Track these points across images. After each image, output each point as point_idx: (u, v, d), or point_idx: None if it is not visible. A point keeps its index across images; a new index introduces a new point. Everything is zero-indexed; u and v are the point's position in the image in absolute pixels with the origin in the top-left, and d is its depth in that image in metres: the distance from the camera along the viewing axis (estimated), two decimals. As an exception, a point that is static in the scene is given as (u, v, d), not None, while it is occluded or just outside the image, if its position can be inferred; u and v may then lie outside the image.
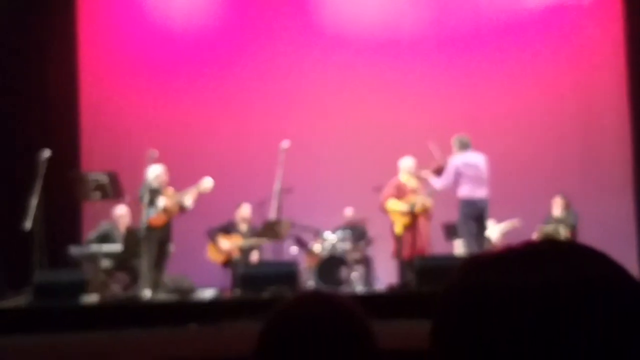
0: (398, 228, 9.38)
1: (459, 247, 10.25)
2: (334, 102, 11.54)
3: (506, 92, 11.36)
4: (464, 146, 8.85)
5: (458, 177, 8.66)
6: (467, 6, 11.57)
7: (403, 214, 9.31)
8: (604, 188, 10.92)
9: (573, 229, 9.67)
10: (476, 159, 8.79)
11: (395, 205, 9.32)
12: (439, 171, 8.96)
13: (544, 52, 11.37)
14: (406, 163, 9.51)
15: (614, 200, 10.82)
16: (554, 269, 0.87)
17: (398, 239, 9.38)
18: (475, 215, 8.71)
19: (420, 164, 9.50)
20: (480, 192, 8.68)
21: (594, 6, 11.42)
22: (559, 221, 9.76)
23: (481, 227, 8.82)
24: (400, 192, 9.38)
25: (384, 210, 9.45)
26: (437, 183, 8.91)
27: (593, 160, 11.16)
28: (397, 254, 9.41)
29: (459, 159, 8.73)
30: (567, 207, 9.84)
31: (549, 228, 9.70)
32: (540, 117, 11.28)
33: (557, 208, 9.89)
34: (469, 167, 8.69)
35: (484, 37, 11.49)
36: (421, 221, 9.33)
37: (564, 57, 11.35)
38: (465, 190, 8.65)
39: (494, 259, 0.92)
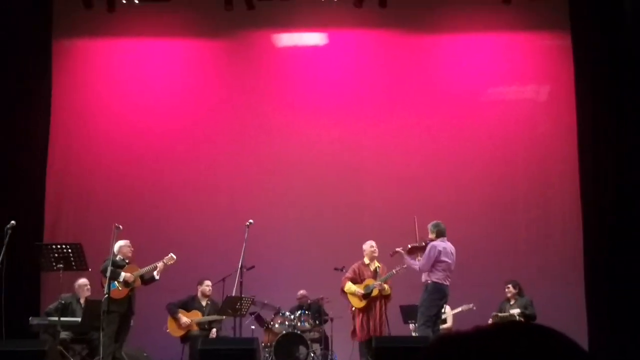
0: (356, 309, 9.59)
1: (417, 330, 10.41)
2: (299, 182, 11.79)
3: (463, 180, 11.73)
4: (442, 234, 9.13)
5: (437, 263, 8.89)
6: (430, 101, 11.99)
7: (359, 297, 9.50)
8: (556, 274, 11.23)
9: (525, 315, 9.88)
10: (452, 249, 9.08)
11: (349, 288, 9.54)
12: (413, 251, 9.17)
13: (500, 143, 11.81)
14: (367, 246, 9.76)
15: (565, 286, 11.10)
16: (520, 348, 0.98)
17: (355, 321, 9.58)
18: (439, 301, 8.97)
19: (387, 242, 9.75)
20: (449, 280, 8.96)
21: (549, 101, 11.95)
22: (511, 307, 9.98)
23: (440, 312, 9.08)
24: (359, 275, 9.62)
25: (342, 292, 9.67)
26: (416, 264, 9.09)
27: (546, 248, 11.51)
28: (353, 334, 9.59)
29: (440, 246, 8.98)
30: (519, 293, 10.08)
31: (502, 315, 9.91)
32: (494, 206, 11.64)
33: (510, 295, 10.13)
34: (447, 256, 8.97)
35: (443, 128, 11.90)
36: (377, 304, 9.52)
37: (519, 148, 11.81)
38: (439, 277, 8.91)
39: (465, 337, 1.03)
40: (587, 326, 10.75)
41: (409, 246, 9.22)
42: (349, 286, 9.61)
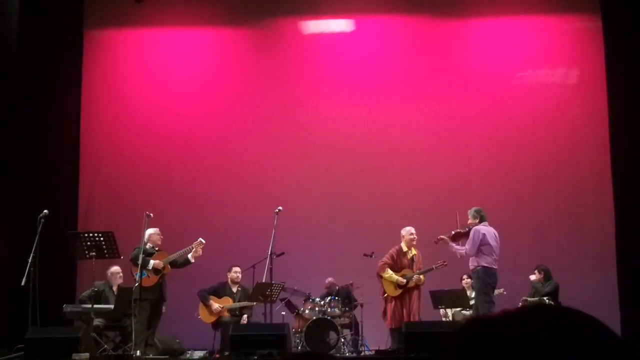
0: (388, 296, 9.59)
1: (447, 316, 10.42)
2: (327, 167, 11.83)
3: (494, 167, 11.69)
4: (484, 219, 9.10)
5: (483, 246, 8.86)
6: (459, 85, 11.94)
7: (395, 285, 9.51)
8: (588, 260, 11.14)
9: (555, 299, 9.84)
10: (495, 233, 9.05)
11: (390, 276, 9.52)
12: (456, 237, 9.15)
13: (530, 129, 11.72)
14: (407, 232, 9.74)
15: (597, 273, 11.03)
16: (547, 333, 0.96)
17: (387, 307, 9.59)
18: (493, 285, 8.97)
19: (417, 226, 9.79)
20: (497, 264, 8.95)
21: (579, 85, 11.83)
22: (539, 292, 9.94)
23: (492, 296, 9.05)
24: (396, 263, 9.60)
25: (378, 277, 9.66)
26: (462, 249, 9.05)
27: (578, 233, 11.41)
28: (386, 320, 9.61)
29: (484, 229, 8.95)
30: (547, 278, 10.03)
31: (532, 299, 9.88)
32: (526, 192, 11.58)
33: (537, 279, 10.09)
34: (492, 239, 8.94)
35: (474, 114, 11.85)
36: (412, 293, 9.53)
37: (550, 132, 11.70)
38: (488, 261, 8.87)
39: (493, 321, 1.00)
40: (620, 313, 10.68)
41: (453, 232, 9.15)
42: (390, 274, 9.53)
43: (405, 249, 9.71)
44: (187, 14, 12.21)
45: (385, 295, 9.68)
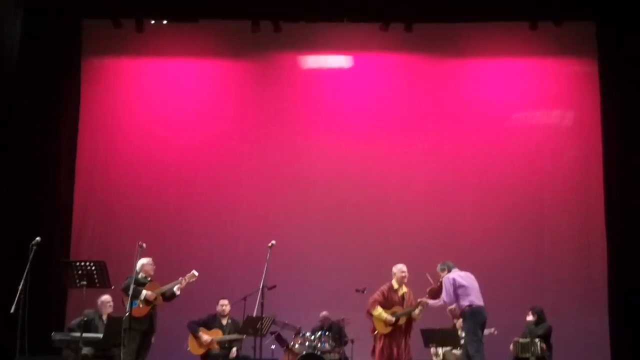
0: (379, 333, 9.57)
1: (438, 355, 10.38)
2: (322, 202, 11.84)
3: (488, 206, 11.73)
4: (450, 268, 9.24)
5: (457, 289, 8.96)
6: (456, 125, 12.02)
7: (385, 323, 9.49)
8: (579, 303, 11.14)
9: (547, 341, 9.81)
10: (467, 274, 9.15)
11: (379, 314, 9.51)
12: (433, 295, 9.25)
13: (525, 170, 11.80)
14: (398, 269, 9.76)
15: (588, 316, 11.02)
16: None
17: (376, 344, 9.56)
18: (482, 322, 8.98)
19: (410, 263, 9.84)
20: (481, 301, 9.00)
21: (575, 127, 11.90)
22: (532, 334, 9.91)
23: (482, 335, 9.08)
24: (388, 299, 9.59)
25: (368, 314, 9.64)
26: (440, 301, 9.14)
27: (571, 275, 11.41)
28: (374, 358, 9.57)
29: (452, 275, 9.09)
30: (541, 319, 10.01)
31: (523, 340, 9.85)
32: (519, 230, 11.60)
33: (530, 320, 10.07)
34: (465, 279, 9.05)
35: (469, 153, 11.92)
36: (402, 330, 9.51)
37: (545, 173, 11.77)
38: (470, 300, 8.95)
39: None
40: (611, 353, 10.66)
41: (428, 291, 9.34)
42: (380, 312, 9.53)
43: (396, 286, 9.72)
44: (187, 45, 12.28)
45: (376, 332, 9.65)
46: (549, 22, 11.63)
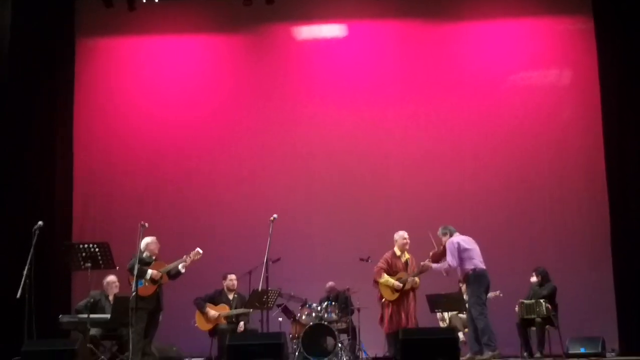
0: (386, 300, 9.62)
1: (444, 319, 10.44)
2: (322, 172, 11.85)
3: (488, 170, 11.70)
4: (452, 232, 9.29)
5: (462, 253, 9.02)
6: (453, 89, 11.96)
7: (392, 289, 9.55)
8: (583, 261, 11.17)
9: (552, 302, 9.86)
10: (469, 238, 9.18)
11: (386, 281, 9.57)
12: (436, 258, 9.26)
13: (524, 131, 11.75)
14: (399, 236, 9.79)
15: (593, 273, 11.05)
16: None
17: (384, 312, 9.63)
18: (486, 286, 9.07)
19: (412, 229, 9.89)
20: (483, 265, 9.08)
21: (572, 86, 11.84)
22: (537, 294, 9.95)
23: (486, 298, 9.15)
24: (391, 267, 9.65)
25: (375, 283, 9.70)
26: (445, 265, 9.15)
27: (572, 234, 11.41)
28: (383, 325, 9.64)
29: (456, 239, 9.12)
30: (545, 280, 10.05)
31: (528, 301, 9.89)
32: (519, 193, 11.59)
33: (535, 282, 10.11)
34: (468, 244, 9.10)
35: (467, 117, 11.86)
36: (409, 296, 9.57)
37: (543, 134, 11.72)
38: (474, 263, 9.03)
39: None
40: (617, 311, 10.70)
41: (430, 254, 9.35)
42: (386, 278, 9.64)
43: (398, 253, 9.78)
44: (180, 22, 12.22)
45: (383, 300, 9.71)
46: (543, -19, 11.55)
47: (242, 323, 9.94)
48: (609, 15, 11.27)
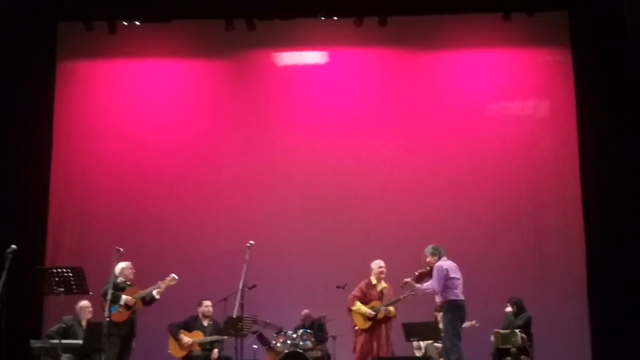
0: (359, 329, 9.60)
1: (420, 348, 10.41)
2: (300, 199, 11.85)
3: (466, 199, 11.72)
4: (441, 254, 9.15)
5: (447, 280, 8.89)
6: (433, 117, 12.04)
7: (364, 318, 9.53)
8: (558, 291, 11.19)
9: (527, 332, 9.87)
10: (456, 266, 9.09)
11: (358, 309, 9.55)
12: (420, 278, 9.17)
13: (502, 161, 11.82)
14: (376, 265, 9.78)
15: (568, 303, 11.07)
16: None
17: (357, 341, 9.60)
18: (462, 317, 8.99)
19: (390, 258, 9.91)
20: (463, 295, 8.99)
21: (550, 117, 11.93)
22: (512, 324, 9.96)
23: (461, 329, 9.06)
24: (366, 295, 9.63)
25: (349, 310, 9.68)
26: (429, 288, 9.01)
27: (548, 265, 11.43)
28: (354, 351, 9.61)
29: (445, 264, 9.00)
30: (520, 310, 10.06)
31: (504, 331, 9.90)
32: (496, 221, 11.63)
33: (509, 312, 10.12)
34: (455, 272, 9.00)
35: (446, 146, 11.91)
36: (381, 325, 9.54)
37: (521, 164, 11.78)
38: (455, 293, 8.91)
39: None
40: (591, 341, 10.72)
41: (416, 273, 9.17)
42: (359, 306, 9.64)
43: (374, 281, 9.78)
44: (161, 45, 12.24)
45: (356, 328, 9.68)
46: (522, 12, 11.65)
47: (216, 350, 9.89)
48: (587, 47, 11.39)
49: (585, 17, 11.40)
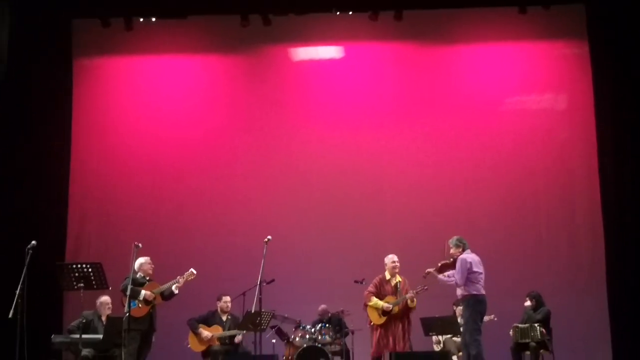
0: (374, 325, 9.59)
1: (439, 342, 10.40)
2: (318, 194, 11.84)
3: (484, 193, 11.70)
4: (465, 247, 9.09)
5: (470, 274, 8.84)
6: (449, 111, 12.00)
7: (379, 313, 9.52)
8: (578, 285, 11.15)
9: (546, 326, 9.83)
10: (479, 260, 9.03)
11: (375, 303, 9.55)
12: (443, 269, 9.12)
13: (519, 155, 11.78)
14: (389, 260, 9.76)
15: (587, 297, 11.04)
16: None
17: (373, 336, 9.59)
18: (483, 312, 8.93)
19: (407, 251, 9.88)
20: (484, 290, 8.94)
21: (567, 110, 11.88)
22: (531, 319, 9.93)
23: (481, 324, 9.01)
24: (381, 290, 9.63)
25: (365, 306, 9.68)
26: (451, 280, 8.95)
27: (568, 257, 11.43)
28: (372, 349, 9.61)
29: (469, 257, 8.95)
30: (539, 304, 10.03)
31: (523, 325, 9.87)
32: (514, 215, 11.60)
33: (528, 306, 10.08)
34: (478, 266, 8.94)
35: (463, 140, 11.89)
36: (397, 320, 9.52)
37: (539, 157, 11.75)
38: (477, 288, 8.87)
39: None
40: (611, 335, 10.68)
41: (439, 264, 9.10)
42: (375, 301, 9.62)
43: (388, 276, 9.77)
44: (177, 42, 12.25)
45: (372, 323, 9.67)
46: (538, 6, 11.60)
47: (240, 335, 9.86)
48: (604, 40, 11.34)
49: (602, 9, 11.36)
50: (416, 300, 9.59)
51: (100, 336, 9.11)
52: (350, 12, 11.92)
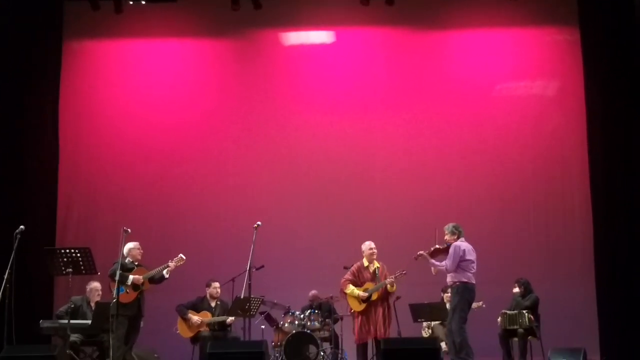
0: (355, 312, 9.62)
1: (426, 329, 10.43)
2: (307, 180, 11.82)
3: (473, 179, 11.71)
4: (461, 234, 9.13)
5: (462, 262, 8.89)
6: (439, 97, 11.97)
7: (358, 300, 9.52)
8: (566, 272, 11.20)
9: (534, 313, 9.88)
10: (472, 248, 9.07)
11: (351, 292, 9.57)
12: (435, 254, 9.14)
13: (510, 141, 11.79)
14: (366, 247, 9.77)
15: (575, 284, 11.09)
16: None
17: (354, 323, 9.60)
18: (471, 301, 8.99)
19: (396, 238, 9.89)
20: (474, 279, 8.98)
21: (558, 96, 11.88)
22: (520, 305, 9.97)
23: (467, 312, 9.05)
24: (358, 278, 9.62)
25: (342, 294, 9.69)
26: (442, 265, 9.00)
27: (556, 244, 11.46)
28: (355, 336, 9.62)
29: (463, 245, 8.98)
30: (527, 291, 10.07)
31: (511, 312, 9.91)
32: (503, 202, 11.62)
33: (517, 292, 10.12)
34: (471, 255, 8.99)
35: (453, 126, 11.87)
36: (377, 306, 9.52)
37: (529, 144, 11.75)
38: (467, 276, 8.92)
39: None
40: (598, 322, 10.74)
41: (432, 248, 9.15)
42: (352, 289, 9.61)
43: (366, 263, 9.75)
44: (167, 25, 12.17)
45: (352, 311, 9.68)
46: (529, -9, 11.60)
47: (230, 318, 9.85)
48: (595, 27, 11.33)
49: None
50: (396, 284, 9.58)
51: (89, 322, 9.11)
52: (342, -3, 11.87)
